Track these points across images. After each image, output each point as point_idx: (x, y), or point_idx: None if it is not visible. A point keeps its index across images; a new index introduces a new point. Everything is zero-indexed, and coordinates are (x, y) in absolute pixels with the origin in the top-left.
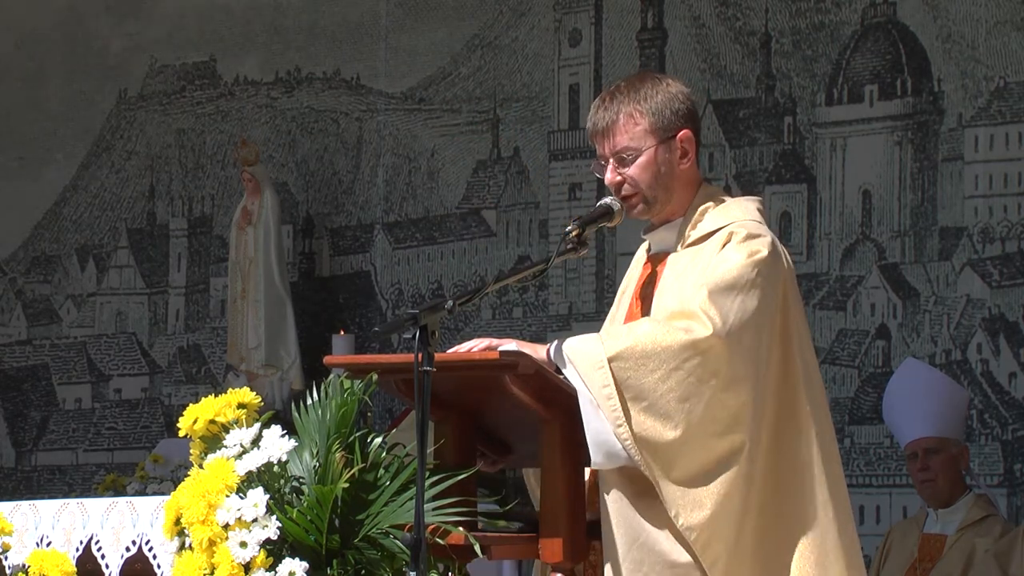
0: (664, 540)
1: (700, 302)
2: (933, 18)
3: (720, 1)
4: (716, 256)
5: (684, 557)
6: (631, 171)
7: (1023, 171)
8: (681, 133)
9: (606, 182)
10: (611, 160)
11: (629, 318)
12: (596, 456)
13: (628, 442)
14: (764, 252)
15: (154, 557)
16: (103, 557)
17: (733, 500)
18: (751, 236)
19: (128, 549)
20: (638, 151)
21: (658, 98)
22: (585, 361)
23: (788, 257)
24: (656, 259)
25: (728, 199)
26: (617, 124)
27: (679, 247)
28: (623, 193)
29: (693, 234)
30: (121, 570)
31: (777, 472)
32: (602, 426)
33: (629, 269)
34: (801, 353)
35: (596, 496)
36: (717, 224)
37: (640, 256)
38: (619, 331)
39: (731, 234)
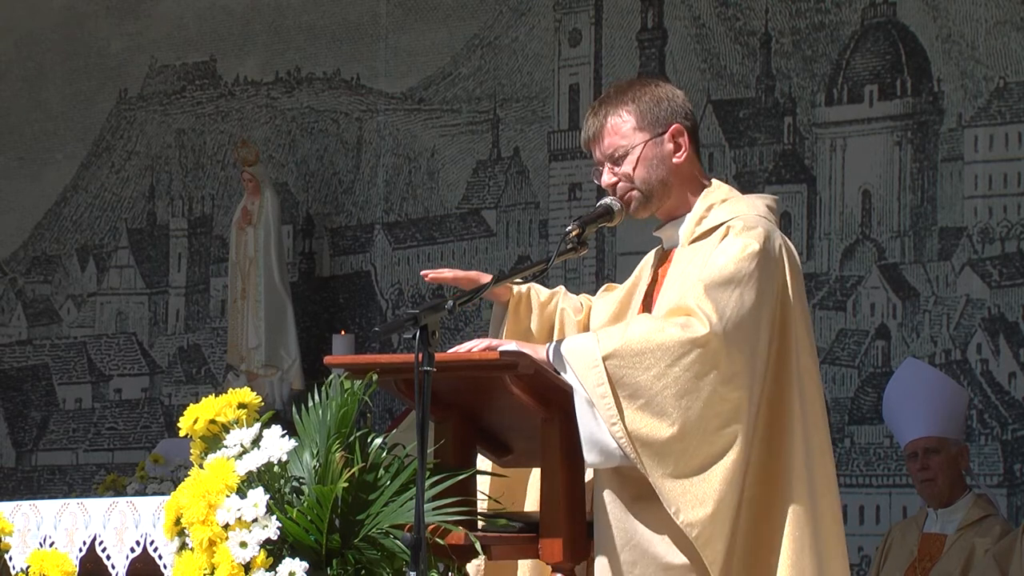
0: (659, 542)
1: (696, 297)
2: (933, 18)
3: (720, 1)
4: (714, 250)
5: (679, 559)
6: (624, 168)
7: (1023, 171)
8: (672, 127)
9: (603, 185)
10: (606, 163)
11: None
12: (590, 455)
13: (623, 440)
14: (758, 245)
15: (160, 557)
16: (108, 558)
17: (731, 496)
18: (747, 229)
19: (133, 550)
20: (628, 148)
21: (645, 97)
22: (580, 360)
23: (792, 251)
24: (664, 257)
25: (736, 195)
26: (606, 127)
27: (684, 243)
28: (620, 192)
29: (697, 229)
30: (127, 571)
31: (765, 470)
32: (596, 425)
33: (641, 265)
34: (797, 349)
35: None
36: (720, 219)
37: (653, 252)
38: (615, 329)
39: (728, 228)
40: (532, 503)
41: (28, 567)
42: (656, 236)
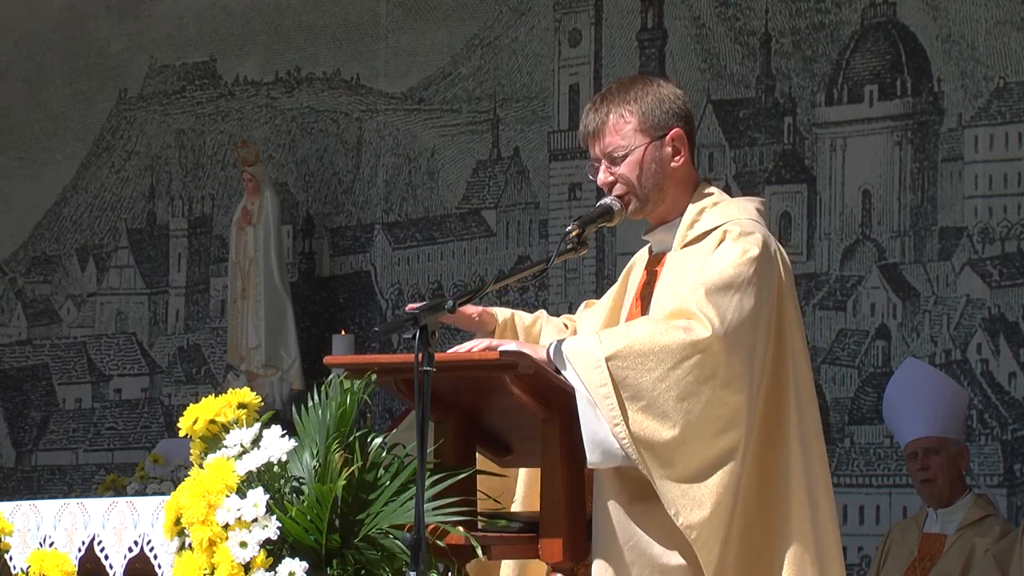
0: (657, 544)
1: (697, 301)
2: (933, 18)
3: (720, 1)
4: (711, 254)
5: (677, 560)
6: (622, 169)
7: (1023, 171)
8: (672, 132)
9: (599, 183)
10: (603, 160)
11: (630, 319)
12: (592, 455)
13: (625, 441)
14: (757, 250)
15: (155, 557)
16: (107, 558)
17: (728, 499)
18: (745, 234)
19: (131, 550)
20: (628, 149)
21: (648, 98)
22: (583, 360)
23: (785, 256)
24: (656, 260)
25: (726, 198)
26: (607, 124)
27: (677, 246)
28: (616, 192)
29: (690, 233)
30: (124, 570)
31: (760, 474)
32: (599, 425)
33: (627, 270)
34: (793, 353)
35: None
36: (713, 223)
37: (641, 258)
38: (617, 330)
39: (725, 232)
40: (520, 502)
41: (28, 567)
42: (643, 240)
